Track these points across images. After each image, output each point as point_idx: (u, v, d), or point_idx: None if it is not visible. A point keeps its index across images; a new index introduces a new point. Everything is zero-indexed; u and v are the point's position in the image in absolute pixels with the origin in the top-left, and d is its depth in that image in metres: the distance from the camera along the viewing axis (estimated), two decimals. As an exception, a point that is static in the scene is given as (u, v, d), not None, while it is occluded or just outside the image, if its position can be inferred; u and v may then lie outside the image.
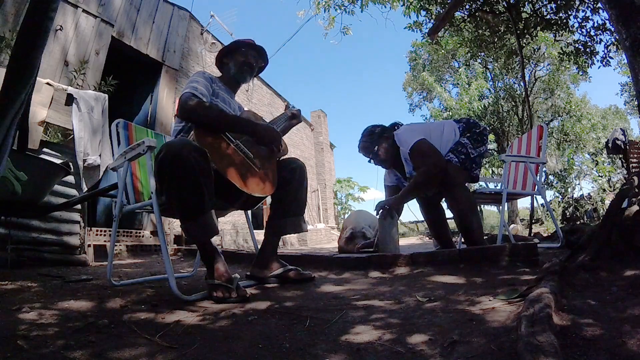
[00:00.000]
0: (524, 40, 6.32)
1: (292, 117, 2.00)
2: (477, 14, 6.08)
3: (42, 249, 2.45)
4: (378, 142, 2.43)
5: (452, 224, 3.03)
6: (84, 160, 3.33)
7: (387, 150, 2.40)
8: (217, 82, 1.81)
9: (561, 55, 6.50)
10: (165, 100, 5.80)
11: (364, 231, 3.52)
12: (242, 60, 1.86)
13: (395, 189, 2.52)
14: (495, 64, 13.46)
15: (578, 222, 6.84)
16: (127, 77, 5.13)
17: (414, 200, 2.51)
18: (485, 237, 2.36)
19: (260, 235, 1.92)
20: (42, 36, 1.02)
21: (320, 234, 10.48)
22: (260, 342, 0.89)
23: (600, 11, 5.51)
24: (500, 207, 2.54)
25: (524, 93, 11.90)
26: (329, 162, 13.80)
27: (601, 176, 10.30)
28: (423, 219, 2.70)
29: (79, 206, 2.75)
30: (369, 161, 2.50)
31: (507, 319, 0.92)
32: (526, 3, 5.84)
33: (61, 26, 4.22)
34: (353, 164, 23.99)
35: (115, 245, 3.80)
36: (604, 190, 9.37)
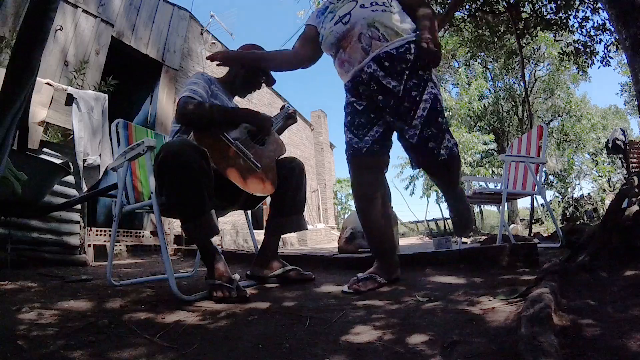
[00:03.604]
0: (524, 40, 6.33)
1: (289, 117, 2.02)
2: (477, 14, 6.08)
3: (42, 249, 2.45)
4: None
5: (451, 224, 3.02)
6: (84, 160, 3.33)
7: None
8: (216, 84, 1.81)
9: (561, 55, 6.51)
10: (165, 101, 5.80)
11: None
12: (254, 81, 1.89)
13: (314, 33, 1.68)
14: (495, 64, 13.48)
15: (578, 222, 6.83)
16: (127, 77, 5.13)
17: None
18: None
19: (260, 235, 1.91)
20: (42, 36, 1.02)
21: (320, 234, 10.47)
22: (261, 342, 0.89)
23: (600, 11, 5.51)
24: (500, 207, 2.54)
25: (524, 93, 11.89)
26: (329, 162, 13.80)
27: (601, 176, 10.29)
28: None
29: (79, 206, 2.75)
30: None
31: (507, 319, 0.92)
32: (526, 3, 5.84)
33: (61, 26, 4.22)
34: (353, 164, 23.87)
35: (115, 245, 3.80)
36: (604, 190, 9.36)
